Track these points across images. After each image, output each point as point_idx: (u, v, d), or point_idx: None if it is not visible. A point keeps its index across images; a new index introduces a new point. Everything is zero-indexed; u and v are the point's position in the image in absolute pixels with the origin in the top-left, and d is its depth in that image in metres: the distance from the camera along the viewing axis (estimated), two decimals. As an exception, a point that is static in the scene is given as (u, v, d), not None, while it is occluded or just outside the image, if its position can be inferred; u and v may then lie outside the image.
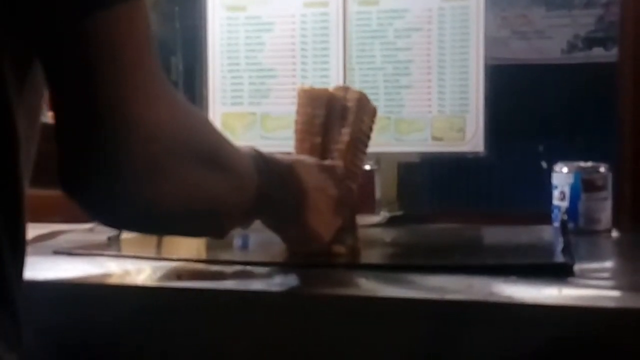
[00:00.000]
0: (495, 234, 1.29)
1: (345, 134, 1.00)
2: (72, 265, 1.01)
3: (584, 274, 0.90)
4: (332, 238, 0.95)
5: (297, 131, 1.02)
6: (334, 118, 1.00)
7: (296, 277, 0.93)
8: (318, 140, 1.00)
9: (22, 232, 0.62)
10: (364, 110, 1.02)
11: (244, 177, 0.77)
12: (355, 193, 1.03)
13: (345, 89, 1.02)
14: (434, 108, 1.42)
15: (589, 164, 1.25)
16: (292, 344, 0.82)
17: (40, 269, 0.98)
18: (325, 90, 1.03)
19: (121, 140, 0.59)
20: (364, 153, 1.03)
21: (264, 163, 0.82)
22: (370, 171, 1.38)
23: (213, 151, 0.70)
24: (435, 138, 1.42)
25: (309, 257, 0.98)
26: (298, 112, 1.02)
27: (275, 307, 0.84)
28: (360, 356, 0.80)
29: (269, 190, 0.82)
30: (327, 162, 0.96)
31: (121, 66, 0.59)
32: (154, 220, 0.69)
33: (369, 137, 1.04)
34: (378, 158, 1.42)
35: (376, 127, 1.07)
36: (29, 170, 0.63)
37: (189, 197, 0.68)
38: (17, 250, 0.61)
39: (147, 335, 0.85)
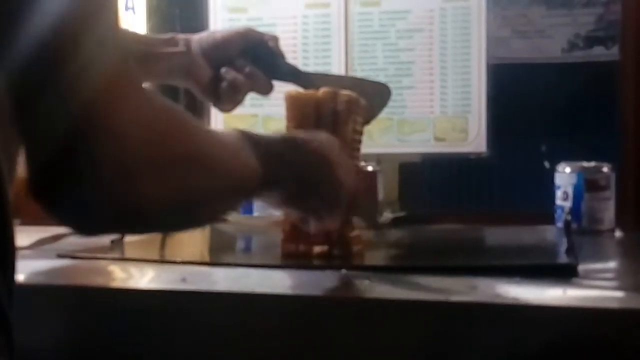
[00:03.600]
0: (498, 235, 1.29)
1: (340, 138, 0.99)
2: (75, 269, 1.01)
3: (588, 275, 0.90)
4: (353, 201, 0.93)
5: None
6: (325, 122, 0.99)
7: (299, 279, 0.93)
8: None
9: (9, 237, 0.61)
10: (357, 111, 1.01)
11: (234, 163, 0.75)
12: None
13: (334, 93, 1.00)
14: (436, 109, 1.42)
15: (592, 163, 1.25)
16: (296, 346, 0.82)
17: (44, 272, 0.98)
18: (312, 94, 1.01)
19: (88, 139, 0.57)
20: (359, 150, 1.03)
21: (256, 141, 0.79)
22: (373, 172, 1.38)
23: (193, 145, 0.67)
24: (437, 139, 1.42)
25: (308, 258, 0.98)
26: (288, 117, 1.01)
27: (278, 309, 0.83)
28: (364, 358, 0.80)
29: (272, 161, 0.79)
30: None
31: (85, 64, 0.57)
32: (133, 221, 0.65)
33: (362, 134, 1.03)
34: (380, 159, 1.42)
35: (378, 128, 1.07)
36: (11, 171, 0.62)
37: (168, 195, 0.64)
38: (5, 256, 0.61)
39: (150, 338, 0.85)
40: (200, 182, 0.69)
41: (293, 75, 1.07)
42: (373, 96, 1.08)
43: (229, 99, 1.05)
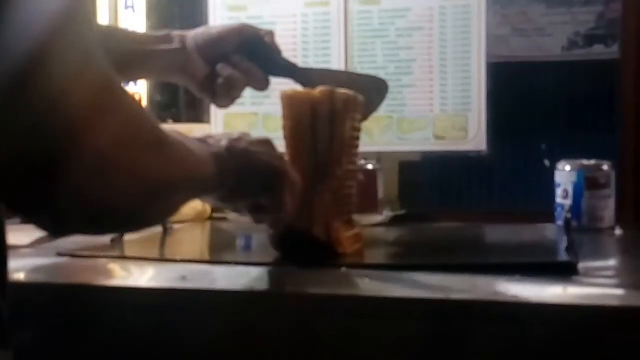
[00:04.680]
0: (498, 233, 1.29)
1: (338, 137, 0.99)
2: (75, 267, 1.01)
3: (588, 272, 0.90)
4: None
5: (285, 137, 1.00)
6: (322, 121, 0.99)
7: (299, 277, 0.93)
8: (308, 143, 0.99)
9: (2, 234, 0.61)
10: (355, 109, 1.01)
11: (190, 155, 0.74)
12: (356, 191, 1.03)
13: (331, 92, 0.99)
14: (436, 107, 1.42)
15: (592, 161, 1.25)
16: (295, 343, 0.82)
17: (44, 270, 0.99)
18: (308, 93, 1.01)
19: (67, 141, 0.56)
20: (357, 147, 1.03)
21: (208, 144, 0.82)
22: (373, 170, 1.38)
23: (157, 136, 0.66)
24: (437, 137, 1.42)
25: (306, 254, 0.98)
26: (284, 117, 1.00)
27: (278, 307, 0.83)
28: (364, 356, 0.80)
29: (223, 161, 0.81)
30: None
31: (63, 82, 0.55)
32: (107, 220, 0.64)
33: (360, 130, 1.03)
34: (380, 157, 1.43)
35: (378, 126, 1.07)
36: None
37: (139, 185, 0.63)
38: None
39: (150, 336, 0.85)
40: (164, 174, 0.67)
41: (289, 70, 1.07)
42: (370, 91, 1.08)
43: (226, 95, 1.05)
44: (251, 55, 1.05)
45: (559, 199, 1.25)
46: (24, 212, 0.60)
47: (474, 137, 1.40)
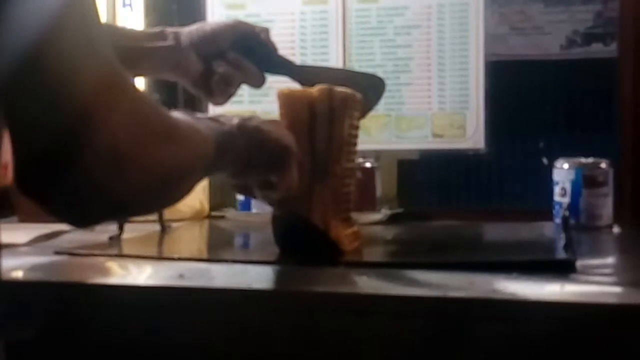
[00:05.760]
0: (496, 231, 1.29)
1: (337, 136, 0.99)
2: (73, 265, 1.01)
3: (586, 270, 0.90)
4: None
5: None
6: (321, 119, 0.98)
7: (298, 275, 0.93)
8: (307, 142, 0.98)
9: None
10: (353, 107, 1.01)
11: (197, 137, 0.76)
12: (354, 189, 1.03)
13: (329, 90, 0.99)
14: (434, 105, 1.42)
15: (590, 159, 1.25)
16: (293, 342, 0.82)
17: (42, 269, 0.98)
18: (306, 92, 1.00)
19: (80, 138, 0.58)
20: (356, 145, 1.03)
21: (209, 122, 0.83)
22: (371, 169, 1.38)
23: (166, 123, 0.69)
24: (435, 135, 1.42)
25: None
26: (281, 116, 1.00)
27: (277, 305, 0.84)
28: (362, 354, 0.80)
29: (224, 138, 0.82)
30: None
31: (72, 67, 0.57)
32: (123, 207, 0.66)
33: (358, 128, 1.03)
34: (378, 155, 1.43)
35: (376, 124, 1.07)
36: None
37: (153, 178, 0.65)
38: None
39: (148, 334, 0.85)
40: (177, 161, 0.69)
41: (285, 67, 1.07)
42: (367, 89, 1.07)
43: (221, 92, 1.06)
44: (246, 52, 1.04)
45: (557, 197, 1.25)
46: (48, 204, 0.61)
47: (472, 136, 1.41)
